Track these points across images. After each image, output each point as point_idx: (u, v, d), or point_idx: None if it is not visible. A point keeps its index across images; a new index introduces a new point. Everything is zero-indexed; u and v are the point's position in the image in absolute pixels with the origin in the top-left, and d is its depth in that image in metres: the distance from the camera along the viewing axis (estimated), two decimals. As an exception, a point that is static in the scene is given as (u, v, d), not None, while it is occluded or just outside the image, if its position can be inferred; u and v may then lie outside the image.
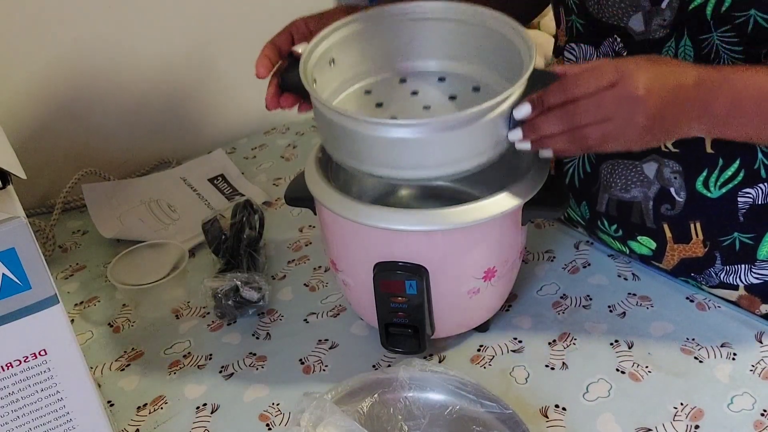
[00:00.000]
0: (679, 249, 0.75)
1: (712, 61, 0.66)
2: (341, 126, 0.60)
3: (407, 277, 0.64)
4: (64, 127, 1.07)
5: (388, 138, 0.59)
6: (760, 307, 0.76)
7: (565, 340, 0.74)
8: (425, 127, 0.58)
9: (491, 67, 0.70)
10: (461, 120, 0.58)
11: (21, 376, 0.53)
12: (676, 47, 0.67)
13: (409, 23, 0.71)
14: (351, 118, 0.60)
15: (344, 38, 0.69)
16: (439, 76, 0.72)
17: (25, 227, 0.48)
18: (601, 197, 0.78)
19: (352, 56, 0.71)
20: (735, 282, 0.75)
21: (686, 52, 0.67)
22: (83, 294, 0.88)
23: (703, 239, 0.73)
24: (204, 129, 1.21)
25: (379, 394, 0.63)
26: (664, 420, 0.64)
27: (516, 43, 0.64)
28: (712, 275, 0.76)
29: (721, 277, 0.75)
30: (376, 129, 0.59)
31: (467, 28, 0.69)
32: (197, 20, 1.14)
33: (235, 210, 0.89)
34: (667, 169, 0.72)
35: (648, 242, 0.77)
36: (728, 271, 0.74)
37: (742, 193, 0.70)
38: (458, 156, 0.60)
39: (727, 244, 0.73)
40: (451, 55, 0.72)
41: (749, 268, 0.74)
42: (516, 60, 0.63)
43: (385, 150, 0.60)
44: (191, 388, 0.73)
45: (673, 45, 0.67)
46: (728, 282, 0.75)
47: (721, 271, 0.75)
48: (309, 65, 0.65)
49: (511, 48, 0.65)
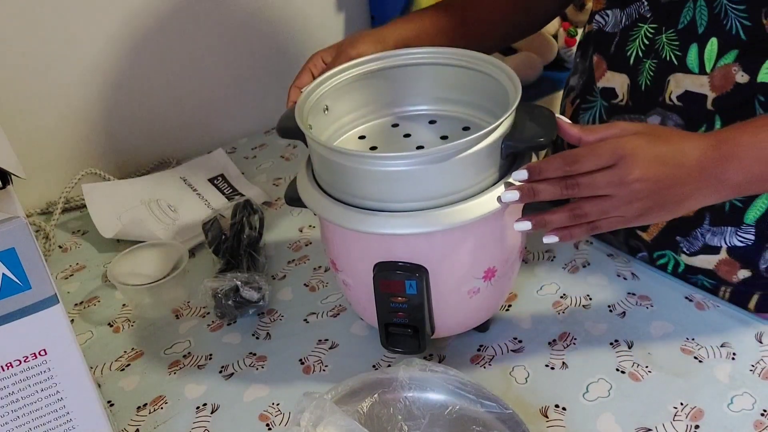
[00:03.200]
0: None
1: (722, 21, 0.70)
2: (342, 165, 0.61)
3: (407, 277, 0.64)
4: (64, 127, 1.07)
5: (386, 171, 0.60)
6: (737, 272, 0.77)
7: (565, 340, 0.74)
8: (423, 158, 0.60)
9: (478, 107, 0.73)
10: (458, 148, 0.59)
11: (21, 376, 0.53)
12: (694, 7, 0.72)
13: (399, 69, 0.74)
14: (355, 156, 0.61)
15: (336, 87, 0.72)
16: (430, 119, 0.75)
17: (25, 227, 0.48)
18: None
19: (345, 103, 0.74)
20: (719, 244, 0.76)
21: (701, 12, 0.72)
22: (83, 294, 0.88)
23: None
24: (204, 129, 1.21)
25: (379, 394, 0.63)
26: (664, 420, 0.64)
27: (500, 79, 0.68)
28: (698, 236, 0.77)
29: (706, 238, 0.77)
30: (376, 164, 0.60)
31: (454, 70, 0.73)
32: (197, 20, 1.14)
33: (235, 210, 0.89)
34: (670, 123, 0.75)
35: None
36: (714, 231, 0.76)
37: None
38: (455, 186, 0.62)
39: (717, 204, 0.74)
40: (440, 98, 0.75)
41: (735, 230, 0.75)
42: (502, 97, 0.66)
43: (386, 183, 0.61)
44: (191, 388, 0.73)
45: (691, 6, 0.72)
46: (712, 244, 0.77)
47: (708, 231, 0.76)
48: (305, 110, 0.67)
49: (496, 86, 0.68)
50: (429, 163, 0.59)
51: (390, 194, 0.61)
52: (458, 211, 0.61)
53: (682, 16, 0.73)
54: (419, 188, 0.61)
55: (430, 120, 0.75)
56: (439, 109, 0.76)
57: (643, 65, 0.77)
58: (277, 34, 1.23)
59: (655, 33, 0.76)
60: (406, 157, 0.60)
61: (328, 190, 0.65)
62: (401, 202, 0.61)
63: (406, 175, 0.60)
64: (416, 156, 0.60)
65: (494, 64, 0.69)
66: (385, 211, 0.62)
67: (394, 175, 0.60)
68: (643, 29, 0.77)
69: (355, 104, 0.75)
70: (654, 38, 0.76)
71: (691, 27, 0.73)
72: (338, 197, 0.64)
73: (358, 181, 0.62)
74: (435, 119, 0.75)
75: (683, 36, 0.74)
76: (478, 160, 0.61)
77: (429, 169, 0.60)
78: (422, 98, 0.76)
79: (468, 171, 0.61)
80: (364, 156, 0.62)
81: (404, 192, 0.61)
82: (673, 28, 0.74)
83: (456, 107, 0.75)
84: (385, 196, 0.61)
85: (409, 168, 0.60)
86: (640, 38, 0.77)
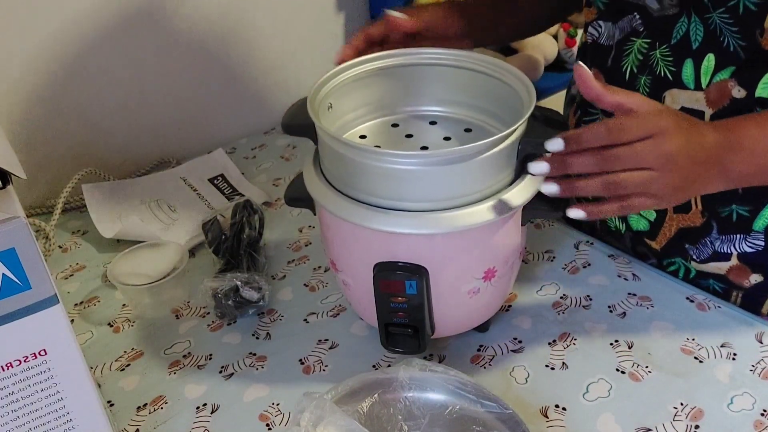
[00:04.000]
0: (678, 218, 0.77)
1: (718, 37, 0.68)
2: (355, 160, 0.61)
3: (407, 277, 0.64)
4: (64, 127, 1.07)
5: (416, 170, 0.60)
6: (749, 277, 0.77)
7: (565, 340, 0.74)
8: (443, 157, 0.59)
9: (481, 110, 0.73)
10: (480, 149, 0.59)
11: (21, 376, 0.53)
12: (688, 23, 0.70)
13: (402, 69, 0.74)
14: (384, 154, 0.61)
15: (341, 85, 0.72)
16: (430, 120, 0.75)
17: (25, 227, 0.48)
18: None
19: (348, 102, 0.73)
20: (729, 251, 0.76)
21: (697, 29, 0.70)
22: (83, 294, 0.88)
23: (702, 209, 0.75)
24: (204, 129, 1.21)
25: (379, 394, 0.63)
26: (664, 420, 0.64)
27: (509, 82, 0.68)
28: (707, 244, 0.76)
29: (716, 246, 0.76)
30: (393, 161, 0.60)
31: (457, 72, 0.73)
32: (198, 20, 1.14)
33: (235, 210, 0.89)
34: None
35: (648, 213, 0.78)
36: (723, 239, 0.76)
37: None
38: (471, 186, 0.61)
39: (725, 215, 0.74)
40: (442, 100, 0.75)
41: (744, 237, 0.75)
42: (510, 100, 0.66)
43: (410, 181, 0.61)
44: (191, 388, 0.73)
45: (685, 21, 0.71)
46: (722, 251, 0.76)
47: (716, 239, 0.76)
48: (315, 103, 0.67)
49: (501, 88, 0.68)
50: (445, 164, 0.59)
51: (400, 193, 0.61)
52: (466, 214, 0.61)
53: (675, 31, 0.72)
54: (430, 189, 0.61)
55: (431, 121, 0.75)
56: (440, 110, 0.76)
57: (638, 81, 0.76)
58: (277, 34, 1.23)
59: (649, 48, 0.74)
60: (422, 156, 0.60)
61: (336, 185, 0.65)
62: (410, 202, 0.61)
63: (421, 174, 0.60)
64: (433, 156, 0.60)
65: (501, 66, 0.69)
66: (393, 209, 0.62)
67: (408, 174, 0.60)
68: (637, 44, 0.75)
69: (357, 103, 0.74)
70: (648, 54, 0.74)
71: (684, 42, 0.71)
72: (346, 192, 0.64)
73: (369, 178, 0.61)
74: (435, 120, 0.75)
75: (677, 51, 0.72)
76: (496, 162, 0.61)
77: (444, 170, 0.60)
78: (423, 99, 0.76)
79: (484, 173, 0.61)
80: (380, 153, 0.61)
81: (415, 192, 0.61)
82: (667, 43, 0.73)
83: (457, 109, 0.75)
84: (395, 195, 0.61)
85: (425, 168, 0.59)
86: (633, 53, 0.76)
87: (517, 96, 0.66)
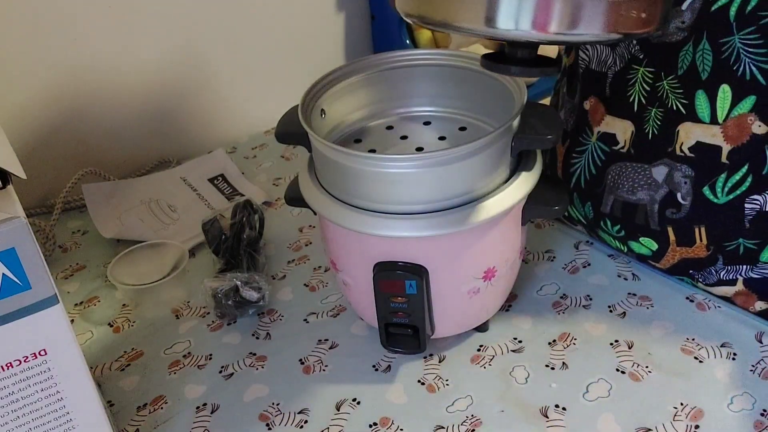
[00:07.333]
0: (681, 251, 0.75)
1: (731, 66, 0.64)
2: (347, 166, 0.61)
3: (407, 277, 0.64)
4: (63, 127, 1.07)
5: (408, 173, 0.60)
6: (755, 303, 0.76)
7: (565, 340, 0.74)
8: (434, 159, 0.59)
9: (474, 108, 0.73)
10: (473, 148, 0.59)
11: (21, 376, 0.53)
12: (693, 51, 0.66)
13: (394, 71, 0.74)
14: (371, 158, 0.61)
15: (333, 92, 0.72)
16: (424, 120, 0.75)
17: (25, 227, 0.48)
18: (607, 198, 0.78)
19: (340, 107, 0.73)
20: (735, 277, 0.75)
21: (704, 56, 0.66)
22: (83, 294, 0.88)
23: (707, 243, 0.73)
24: (204, 129, 1.21)
25: None
26: (664, 420, 0.64)
27: (501, 79, 0.67)
28: (713, 273, 0.75)
29: (721, 275, 0.75)
30: (386, 166, 0.60)
31: (449, 71, 0.73)
32: (198, 20, 1.14)
33: (235, 210, 0.89)
34: (678, 173, 0.71)
35: (649, 243, 0.77)
36: (729, 270, 0.74)
37: (749, 199, 0.69)
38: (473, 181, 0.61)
39: (730, 249, 0.72)
40: (435, 100, 0.75)
41: (750, 267, 0.74)
42: (503, 97, 0.66)
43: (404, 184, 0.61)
44: (191, 388, 0.73)
45: (690, 49, 0.66)
46: (727, 279, 0.75)
47: (722, 269, 0.75)
48: (307, 110, 0.67)
49: (494, 85, 0.68)
50: (439, 165, 0.59)
51: (396, 196, 0.61)
52: (465, 214, 0.61)
53: (680, 61, 0.67)
54: (426, 190, 0.60)
55: (425, 121, 0.75)
56: (434, 110, 0.76)
57: (648, 113, 0.72)
58: (277, 34, 1.23)
59: (655, 79, 0.70)
60: (415, 159, 0.60)
61: (330, 190, 0.65)
62: (407, 204, 0.61)
63: (416, 177, 0.60)
64: (425, 158, 0.60)
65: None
66: (389, 213, 0.62)
67: (403, 177, 0.60)
68: (640, 72, 0.71)
69: (350, 107, 0.74)
70: (655, 85, 0.70)
71: (692, 73, 0.67)
72: (340, 198, 0.64)
73: (363, 183, 0.62)
74: (430, 120, 0.75)
75: (686, 83, 0.67)
76: (489, 159, 0.61)
77: (439, 170, 0.59)
78: (416, 100, 0.76)
79: (479, 172, 0.61)
80: (373, 158, 0.61)
81: (412, 194, 0.61)
82: (673, 73, 0.68)
83: (450, 108, 0.75)
84: (391, 198, 0.61)
85: (419, 170, 0.59)
86: (639, 82, 0.72)
87: (508, 93, 0.66)
